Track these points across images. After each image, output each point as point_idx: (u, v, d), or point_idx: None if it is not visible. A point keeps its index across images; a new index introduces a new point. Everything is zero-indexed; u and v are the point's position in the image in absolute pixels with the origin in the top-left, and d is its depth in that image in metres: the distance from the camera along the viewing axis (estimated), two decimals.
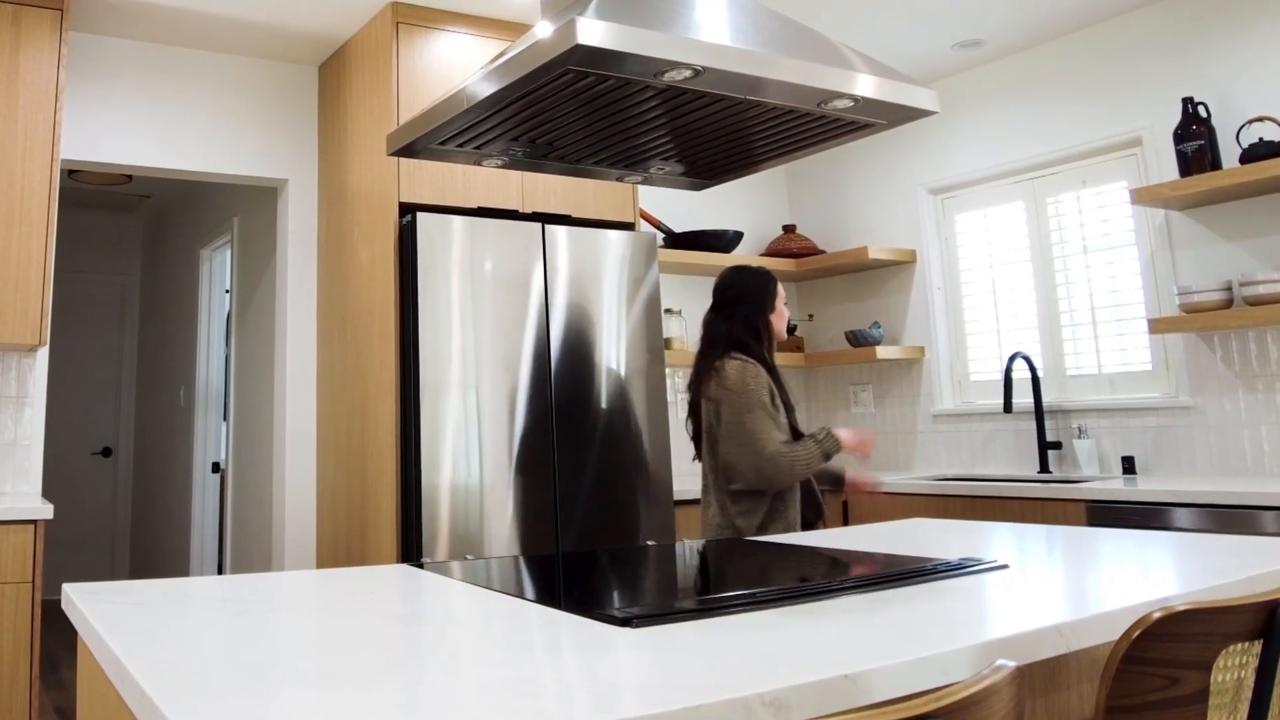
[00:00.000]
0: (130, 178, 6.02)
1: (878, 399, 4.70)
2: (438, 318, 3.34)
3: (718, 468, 2.72)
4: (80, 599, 1.46)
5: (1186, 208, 3.61)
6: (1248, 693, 1.20)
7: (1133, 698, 1.11)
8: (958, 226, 4.49)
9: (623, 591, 1.56)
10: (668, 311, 4.48)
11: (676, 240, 4.55)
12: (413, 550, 3.25)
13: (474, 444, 3.33)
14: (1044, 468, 3.94)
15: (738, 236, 4.59)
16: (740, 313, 2.77)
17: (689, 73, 1.66)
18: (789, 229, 4.97)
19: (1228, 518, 2.90)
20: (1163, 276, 3.70)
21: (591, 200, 3.85)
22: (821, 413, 4.97)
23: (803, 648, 1.08)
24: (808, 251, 4.85)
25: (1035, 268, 4.17)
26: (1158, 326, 3.48)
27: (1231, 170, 3.26)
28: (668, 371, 4.57)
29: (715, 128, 1.95)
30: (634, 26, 1.58)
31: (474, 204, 3.61)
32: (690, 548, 2.08)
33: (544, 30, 1.64)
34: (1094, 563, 1.65)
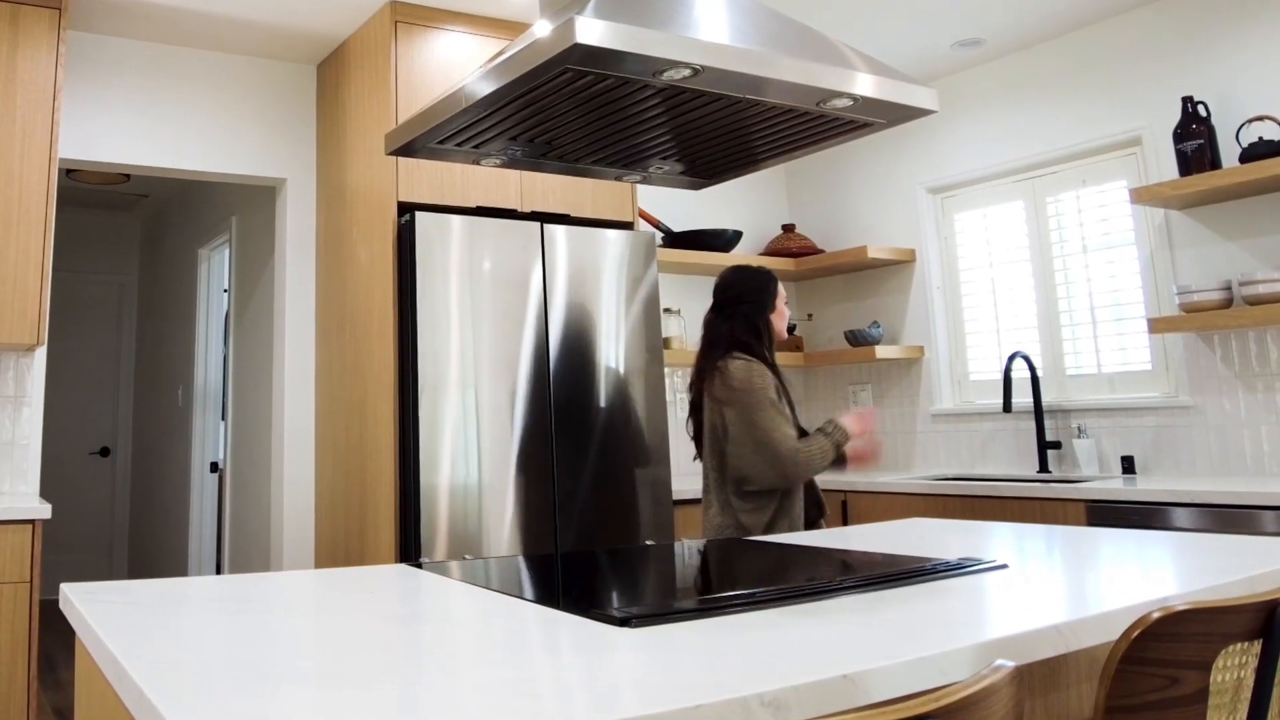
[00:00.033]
0: (128, 177, 6.02)
1: (877, 399, 4.70)
2: (436, 317, 3.33)
3: (720, 468, 2.71)
4: (78, 599, 1.46)
5: (1186, 207, 3.61)
6: (1247, 693, 1.20)
7: (1132, 698, 1.11)
8: (957, 226, 4.49)
9: (621, 591, 1.56)
10: (666, 311, 4.48)
11: (675, 240, 4.54)
12: (411, 550, 3.25)
13: (473, 443, 3.33)
14: (1043, 467, 3.94)
15: (737, 236, 4.58)
16: (741, 312, 2.77)
17: (688, 72, 1.66)
18: (788, 228, 4.96)
19: (1227, 517, 2.90)
20: (1162, 276, 3.70)
21: (590, 199, 3.85)
22: (821, 413, 4.97)
23: (802, 648, 1.07)
24: (807, 251, 4.84)
25: (1035, 267, 4.16)
26: (1157, 326, 3.48)
27: (1231, 169, 3.26)
28: (666, 371, 4.57)
29: (714, 127, 1.95)
30: (633, 25, 1.57)
31: (473, 203, 3.60)
32: (689, 547, 2.08)
33: (543, 29, 1.64)
34: (1093, 563, 1.64)
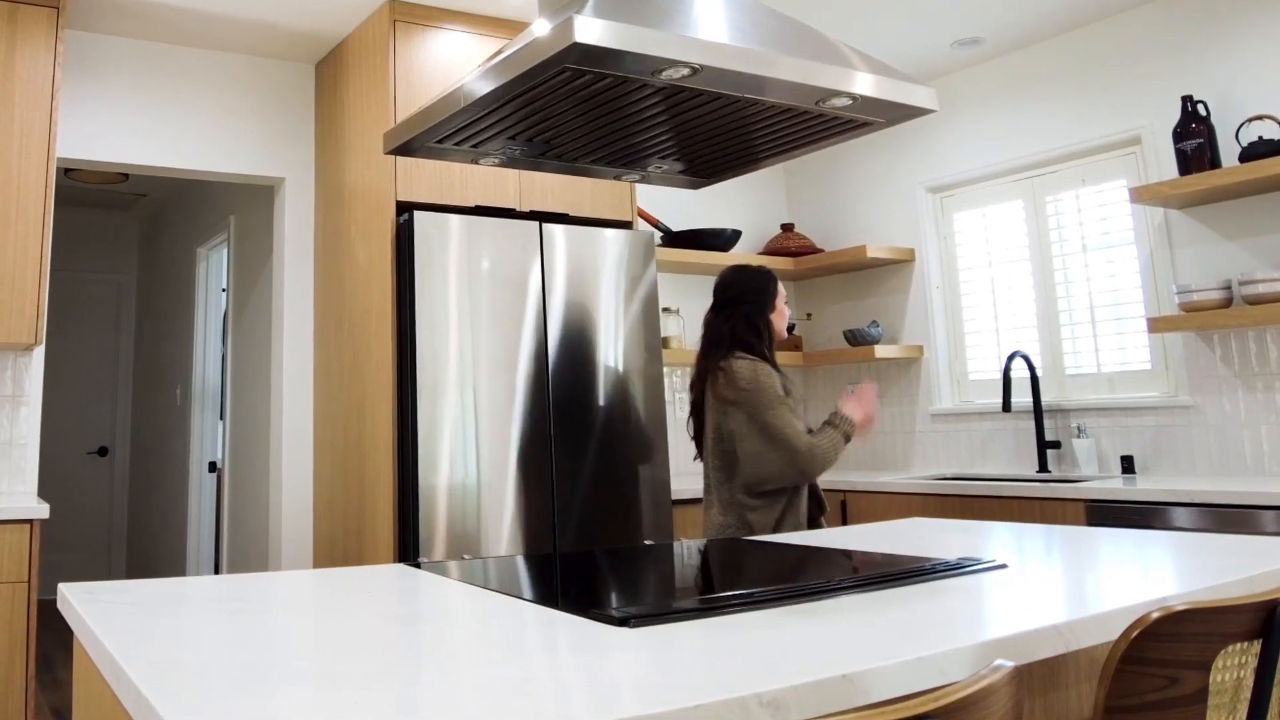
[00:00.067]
0: (126, 176, 6.01)
1: (876, 398, 4.70)
2: (435, 316, 3.33)
3: (723, 467, 2.71)
4: (76, 599, 1.46)
5: (1186, 206, 3.61)
6: (1247, 693, 1.20)
7: (1132, 698, 1.11)
8: (956, 225, 4.49)
9: (620, 591, 1.56)
10: (666, 310, 4.48)
11: (674, 239, 4.54)
12: (410, 550, 3.24)
13: (471, 443, 3.33)
14: (1043, 467, 3.94)
15: (736, 235, 4.58)
16: (742, 312, 2.77)
17: (687, 71, 1.65)
18: (787, 228, 4.96)
19: (1227, 517, 2.90)
20: (1162, 275, 3.70)
21: (589, 199, 3.85)
22: (820, 412, 4.97)
23: (801, 647, 1.07)
24: (806, 250, 4.84)
25: (1034, 266, 4.16)
26: (1157, 325, 3.48)
27: (1231, 169, 3.26)
28: (666, 370, 4.56)
29: (713, 126, 1.95)
30: (631, 24, 1.57)
31: (471, 202, 3.60)
32: (688, 547, 2.08)
33: (541, 28, 1.64)
34: (1093, 562, 1.64)
